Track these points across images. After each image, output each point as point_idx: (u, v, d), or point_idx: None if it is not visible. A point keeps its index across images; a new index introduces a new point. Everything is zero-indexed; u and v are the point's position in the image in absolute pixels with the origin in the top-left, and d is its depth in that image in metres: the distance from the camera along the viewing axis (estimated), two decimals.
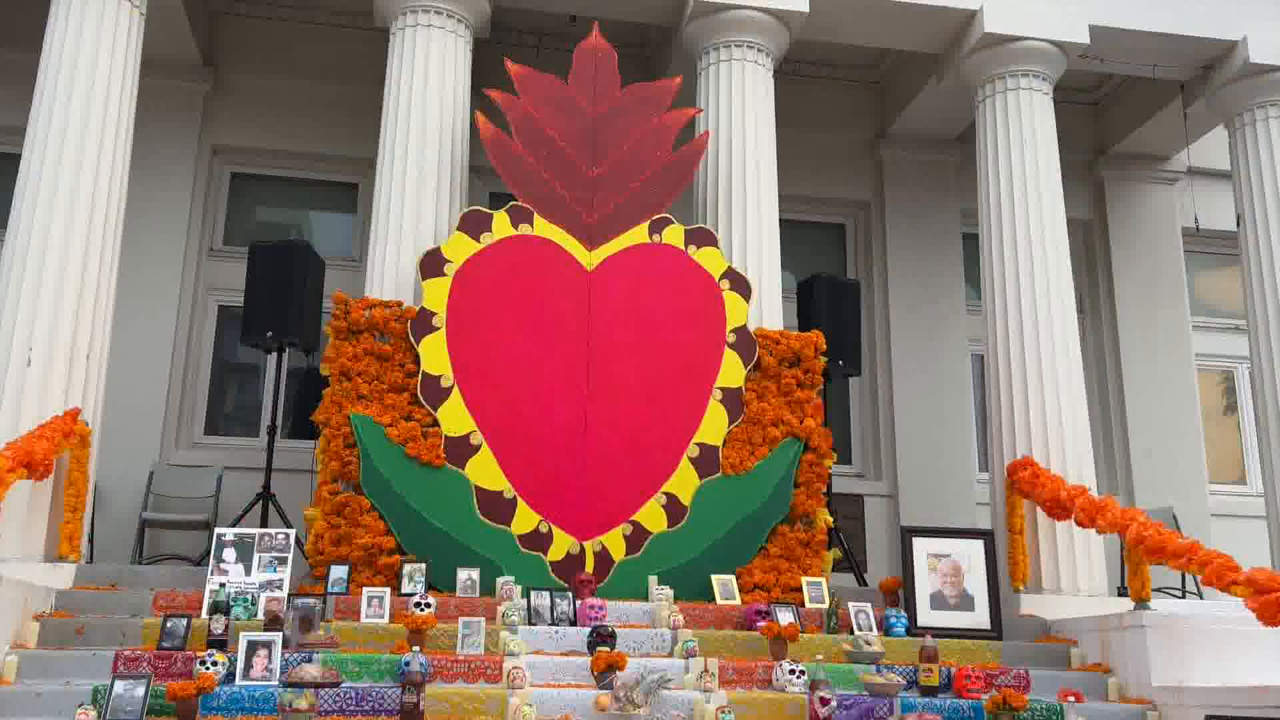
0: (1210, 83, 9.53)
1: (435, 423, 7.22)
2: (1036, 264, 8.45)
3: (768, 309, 8.12)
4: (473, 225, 7.61)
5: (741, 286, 7.88)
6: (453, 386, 7.30)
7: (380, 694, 5.37)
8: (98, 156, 7.41)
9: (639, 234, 7.82)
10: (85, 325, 7.17)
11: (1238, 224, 9.35)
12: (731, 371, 7.69)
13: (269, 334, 8.16)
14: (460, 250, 7.53)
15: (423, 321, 7.35)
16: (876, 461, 10.56)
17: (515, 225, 7.67)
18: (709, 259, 7.87)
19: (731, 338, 7.75)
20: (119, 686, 5.07)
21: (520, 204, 7.70)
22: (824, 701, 5.51)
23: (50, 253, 7.13)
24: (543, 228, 7.69)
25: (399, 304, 7.42)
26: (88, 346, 7.17)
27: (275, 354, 8.50)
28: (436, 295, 7.41)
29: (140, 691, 5.04)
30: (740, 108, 8.53)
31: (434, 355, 7.31)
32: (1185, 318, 11.29)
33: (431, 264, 7.46)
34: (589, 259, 7.70)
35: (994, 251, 8.64)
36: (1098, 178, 11.52)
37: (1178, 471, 10.71)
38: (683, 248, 7.86)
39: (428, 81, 8.14)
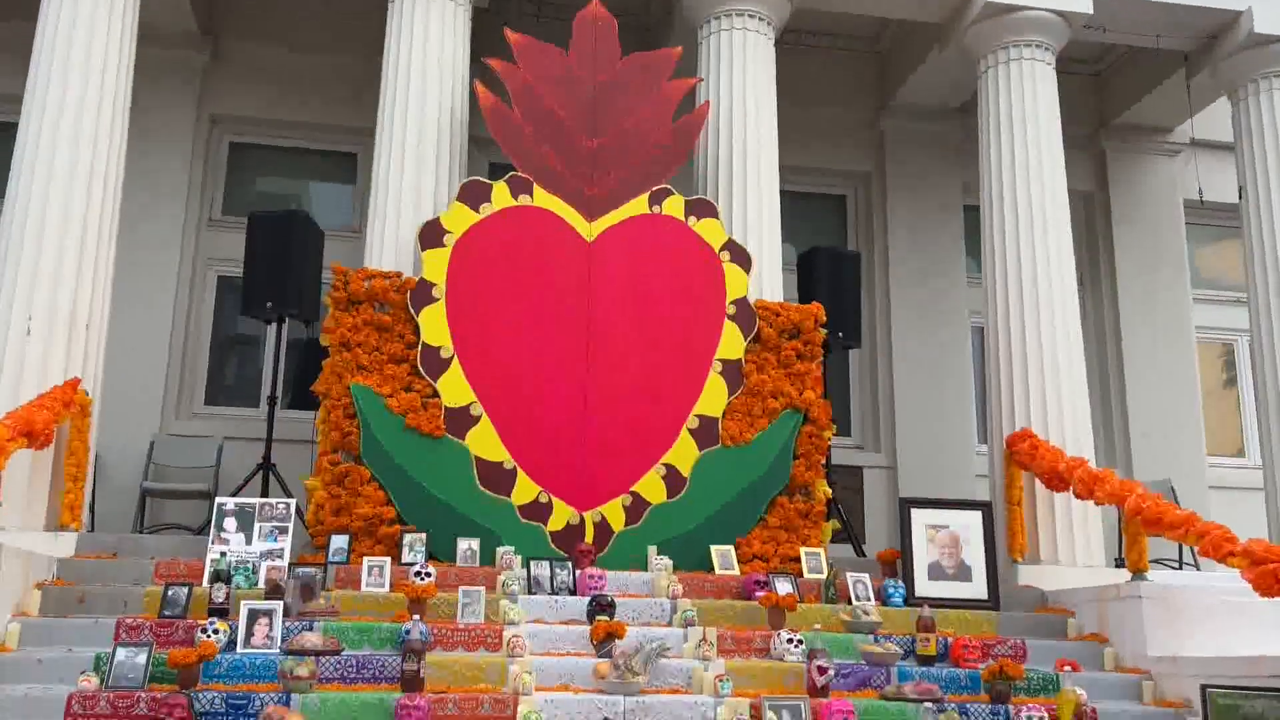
0: (1214, 54, 9.47)
1: (435, 394, 7.22)
2: (1037, 236, 8.43)
3: (768, 281, 8.11)
4: (472, 196, 7.59)
5: (742, 258, 7.87)
6: (452, 357, 7.30)
7: (381, 662, 5.40)
8: (95, 126, 7.38)
9: (639, 205, 7.79)
10: (85, 295, 7.17)
11: (1240, 196, 9.33)
12: (731, 343, 7.69)
13: (269, 305, 8.15)
14: (460, 221, 7.51)
15: (422, 292, 7.34)
16: (875, 433, 10.58)
17: (515, 196, 7.65)
18: (709, 230, 7.86)
19: (731, 309, 7.74)
20: (121, 654, 5.10)
21: (520, 175, 7.67)
22: (822, 670, 5.54)
23: (49, 222, 7.11)
24: (542, 199, 7.67)
25: (398, 275, 7.40)
26: (87, 316, 7.16)
27: (275, 325, 8.50)
28: (436, 266, 7.40)
29: (142, 659, 5.08)
30: (741, 78, 8.48)
31: (434, 326, 7.30)
32: (1186, 290, 11.29)
33: (431, 235, 7.45)
34: (589, 230, 7.68)
35: (995, 223, 8.62)
36: (1099, 150, 11.47)
37: (1176, 444, 10.74)
38: (683, 219, 7.84)
39: (427, 51, 8.08)
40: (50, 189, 7.16)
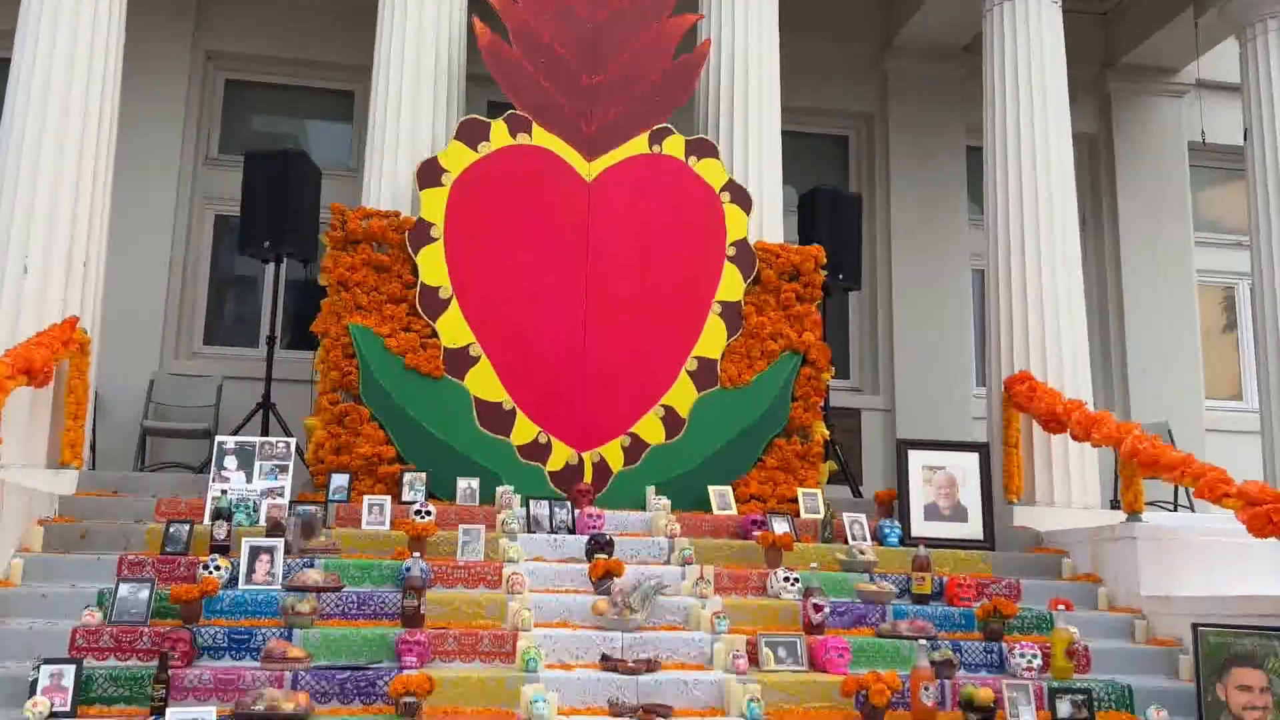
0: None
1: (434, 334, 7.21)
2: (1040, 178, 8.36)
3: (768, 222, 8.06)
4: (470, 134, 7.52)
5: (742, 199, 7.82)
6: (451, 298, 7.28)
7: (382, 598, 5.46)
8: (89, 62, 7.28)
9: (639, 144, 7.73)
10: (81, 233, 7.13)
11: (1245, 138, 9.24)
12: (731, 285, 7.67)
13: (266, 244, 8.12)
14: (458, 160, 7.45)
15: (420, 232, 7.30)
16: (874, 376, 10.59)
17: (513, 134, 7.58)
18: (710, 170, 7.80)
19: (731, 251, 7.71)
20: (124, 589, 5.15)
21: (518, 113, 7.60)
22: (817, 608, 5.60)
23: (44, 160, 7.05)
24: (541, 137, 7.60)
25: (396, 214, 7.36)
26: (84, 255, 7.13)
27: (273, 264, 8.47)
28: (434, 205, 7.35)
29: (145, 594, 5.13)
30: (743, 15, 8.35)
31: (432, 266, 7.28)
32: (1188, 233, 11.24)
33: (429, 174, 7.39)
34: (588, 170, 7.63)
35: (998, 164, 8.55)
36: (1104, 90, 11.36)
37: (1174, 387, 10.77)
38: (683, 159, 7.77)
39: None
40: (45, 126, 7.09)
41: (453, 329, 7.24)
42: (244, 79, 10.15)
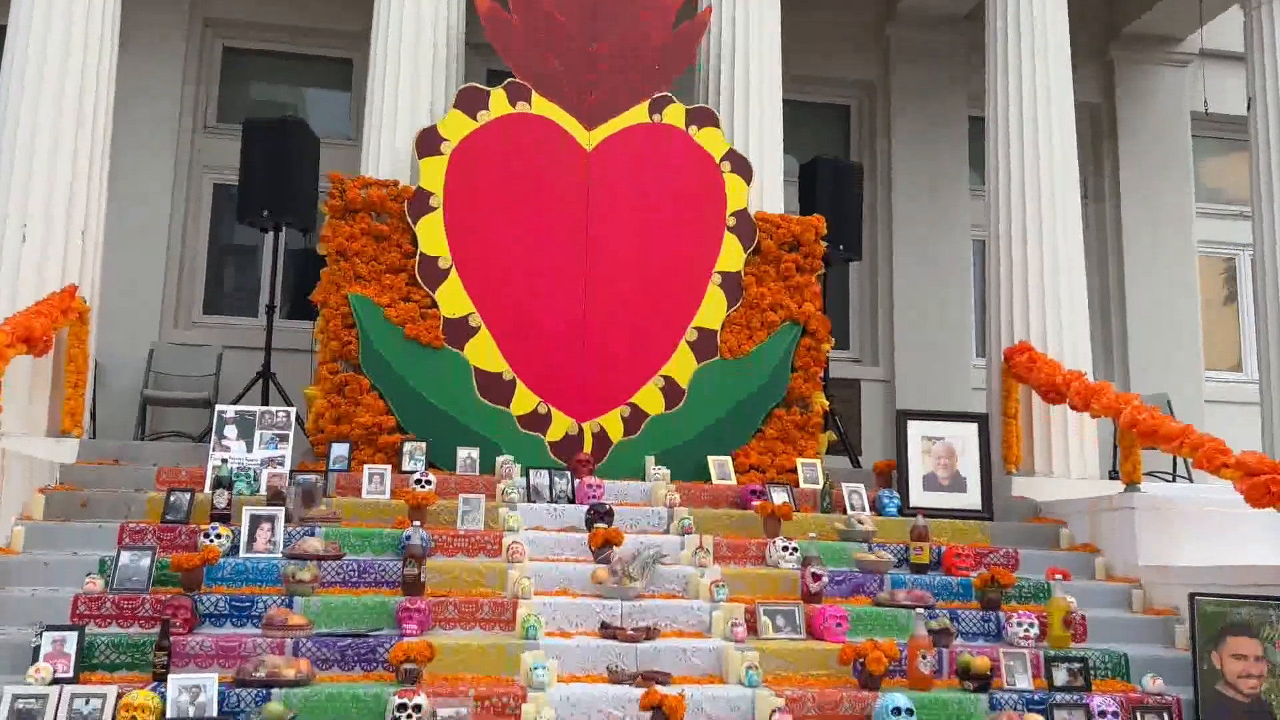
0: None
1: (434, 304, 7.21)
2: (1042, 148, 8.32)
3: (769, 192, 8.02)
4: (469, 103, 7.48)
5: (742, 168, 7.79)
6: (450, 268, 7.26)
7: (382, 566, 5.48)
8: (85, 28, 7.23)
9: (639, 113, 7.69)
10: (80, 202, 7.10)
11: (1248, 107, 9.18)
12: (731, 255, 7.65)
13: (265, 213, 8.09)
14: (457, 129, 7.42)
15: (420, 201, 7.28)
16: (874, 347, 10.59)
17: (513, 103, 7.54)
18: (710, 140, 7.76)
19: (731, 221, 7.69)
20: (125, 557, 5.17)
21: (518, 81, 7.56)
22: (816, 577, 5.63)
23: (41, 128, 7.01)
24: (541, 106, 7.56)
25: (395, 183, 7.33)
26: (83, 223, 7.11)
27: (272, 233, 8.45)
28: (433, 175, 7.32)
29: (146, 562, 5.15)
30: None
31: (431, 236, 7.26)
32: (1190, 203, 11.21)
33: (428, 143, 7.36)
34: (588, 139, 7.59)
35: (999, 134, 8.50)
36: (1108, 59, 11.29)
37: (1174, 358, 10.77)
38: (683, 128, 7.74)
39: None
40: (41, 93, 7.05)
41: (452, 299, 7.23)
42: (242, 46, 10.08)
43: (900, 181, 10.67)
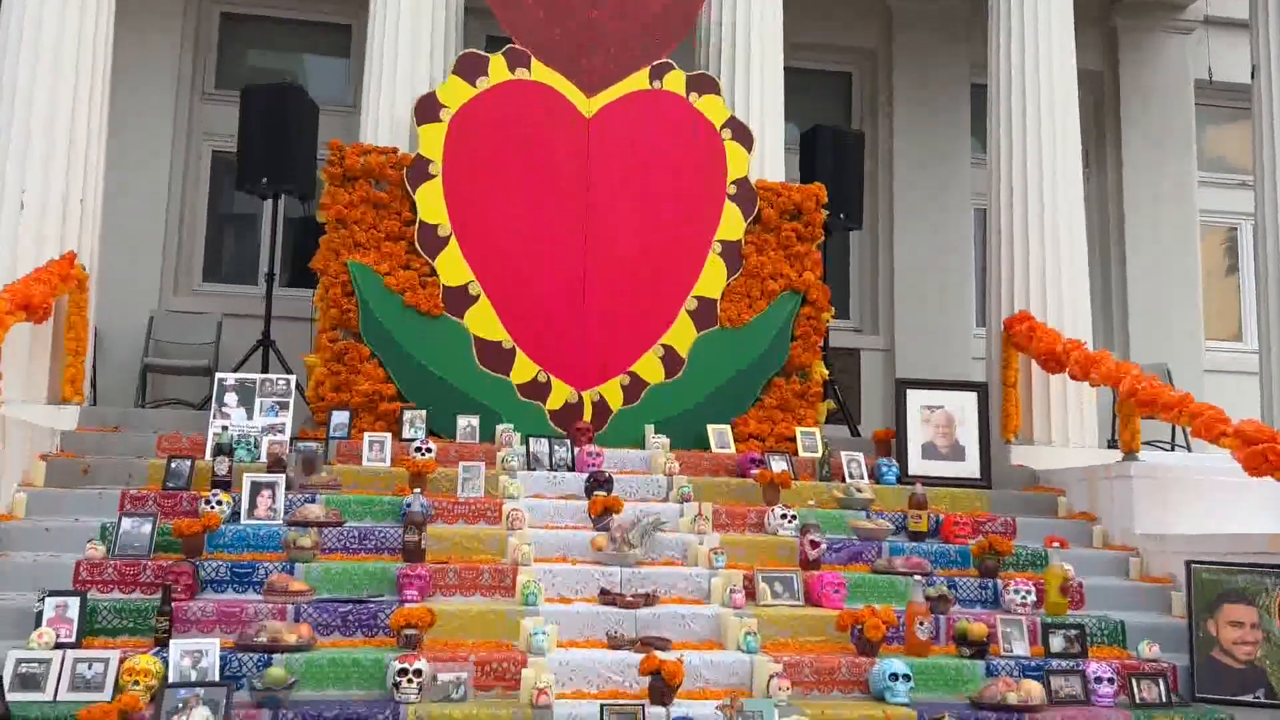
0: None
1: (433, 272, 7.19)
2: (1044, 117, 8.27)
3: (769, 160, 7.98)
4: (469, 69, 7.44)
5: (743, 136, 7.75)
6: (450, 236, 7.25)
7: (383, 533, 5.50)
8: None
9: (639, 80, 7.64)
10: (78, 169, 7.07)
11: (1252, 76, 9.12)
12: (731, 224, 7.63)
13: (264, 180, 8.06)
14: (456, 95, 7.37)
15: (419, 169, 7.25)
16: (874, 316, 10.59)
17: (512, 69, 7.49)
18: (711, 107, 7.72)
19: (732, 189, 7.66)
20: (127, 523, 5.19)
21: (517, 47, 7.51)
22: (814, 544, 5.65)
23: (38, 95, 6.97)
24: (540, 73, 7.52)
25: (394, 150, 7.30)
26: (81, 191, 7.08)
27: (271, 201, 8.43)
28: (432, 142, 7.29)
29: (148, 528, 5.18)
30: None
31: (431, 204, 7.23)
32: (1192, 172, 11.16)
33: (427, 109, 7.32)
34: (588, 106, 7.55)
35: (1001, 102, 8.45)
36: (1110, 26, 11.20)
37: (1174, 328, 10.76)
38: (684, 95, 7.69)
39: None
40: (38, 60, 7.00)
41: (452, 267, 7.22)
42: (240, 12, 10.00)
43: (901, 150, 10.63)
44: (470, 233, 7.26)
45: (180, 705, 3.95)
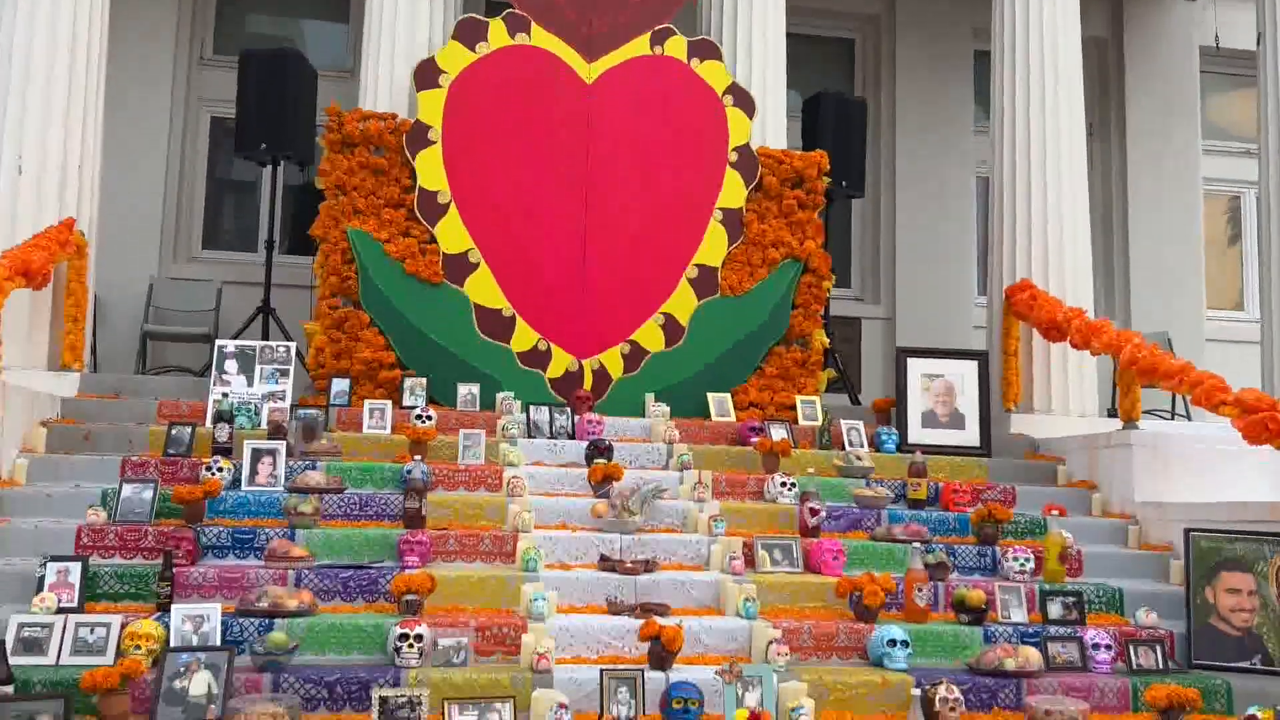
0: None
1: (433, 239, 7.17)
2: (1048, 83, 8.21)
3: (771, 127, 7.94)
4: (468, 34, 7.38)
5: (745, 102, 7.70)
6: (450, 203, 7.22)
7: (383, 500, 5.52)
8: None
9: (640, 45, 7.59)
10: (75, 135, 7.04)
11: (1258, 43, 9.05)
12: (732, 192, 7.59)
13: (263, 146, 8.01)
14: (456, 60, 7.32)
15: (418, 135, 7.21)
16: (875, 285, 10.56)
17: (512, 34, 7.44)
18: (712, 73, 7.67)
19: (733, 157, 7.62)
20: (128, 489, 5.21)
21: (517, 11, 7.45)
22: (814, 512, 5.67)
23: (35, 60, 6.93)
24: (540, 38, 7.46)
25: (394, 116, 7.26)
26: (79, 157, 7.05)
27: (270, 167, 8.39)
28: (432, 108, 7.25)
29: (149, 494, 5.19)
30: None
31: (430, 170, 7.20)
32: (1196, 140, 11.09)
33: (426, 75, 7.27)
34: (588, 72, 7.50)
35: (1005, 69, 8.38)
36: None
37: (1176, 296, 10.73)
38: (685, 61, 7.64)
39: None
40: (35, 25, 6.96)
41: (452, 234, 7.20)
42: None
43: (904, 117, 10.56)
44: (470, 199, 7.24)
45: (182, 669, 3.97)
